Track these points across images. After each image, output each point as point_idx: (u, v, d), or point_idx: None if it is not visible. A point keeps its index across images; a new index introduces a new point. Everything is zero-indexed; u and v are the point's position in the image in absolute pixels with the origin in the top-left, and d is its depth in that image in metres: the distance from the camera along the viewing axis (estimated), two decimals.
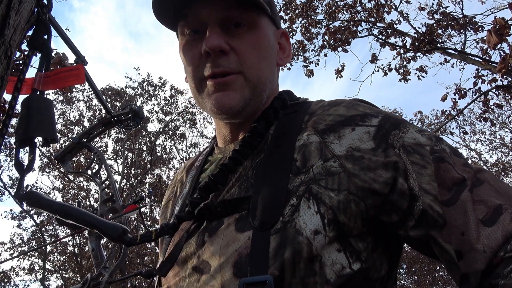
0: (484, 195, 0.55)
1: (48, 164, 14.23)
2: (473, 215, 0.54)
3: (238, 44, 0.69)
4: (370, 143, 0.59)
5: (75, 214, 0.72)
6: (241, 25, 0.70)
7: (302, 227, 0.54)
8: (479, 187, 0.56)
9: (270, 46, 0.74)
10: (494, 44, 4.23)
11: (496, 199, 0.54)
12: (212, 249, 0.60)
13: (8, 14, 0.80)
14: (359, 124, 0.62)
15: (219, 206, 0.63)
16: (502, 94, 7.42)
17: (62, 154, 3.20)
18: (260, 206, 0.58)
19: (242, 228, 0.58)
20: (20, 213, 14.45)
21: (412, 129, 0.62)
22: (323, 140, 0.61)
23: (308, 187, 0.57)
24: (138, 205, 2.91)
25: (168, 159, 15.49)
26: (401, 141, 0.60)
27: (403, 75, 8.51)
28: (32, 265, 14.27)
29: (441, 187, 0.56)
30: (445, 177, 0.57)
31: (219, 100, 0.68)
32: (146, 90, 15.68)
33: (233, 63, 0.68)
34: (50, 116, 0.88)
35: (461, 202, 0.55)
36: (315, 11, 9.16)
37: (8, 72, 0.86)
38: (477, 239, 0.52)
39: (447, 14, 7.64)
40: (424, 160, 0.58)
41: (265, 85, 0.72)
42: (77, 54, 2.26)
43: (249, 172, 0.65)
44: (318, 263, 0.53)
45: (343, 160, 0.58)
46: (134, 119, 3.25)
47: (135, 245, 0.70)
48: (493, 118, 13.31)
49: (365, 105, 0.66)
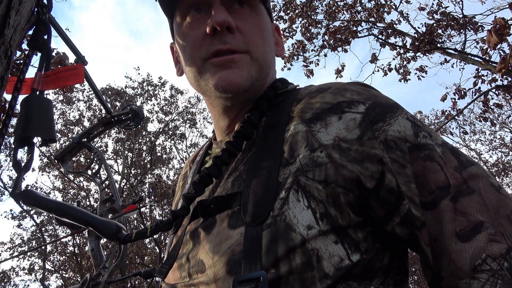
0: (468, 207, 0.52)
1: (48, 164, 14.23)
2: (449, 226, 0.51)
3: (243, 24, 0.68)
4: (356, 131, 0.57)
5: (69, 212, 0.72)
6: (245, 5, 0.70)
7: (294, 222, 0.53)
8: (466, 196, 0.52)
9: (269, 33, 0.74)
10: (494, 44, 4.23)
11: (480, 214, 0.51)
12: (207, 247, 0.59)
13: (8, 14, 0.80)
14: (345, 111, 0.59)
15: (212, 203, 0.62)
16: (502, 94, 7.42)
17: (62, 154, 3.20)
18: (252, 201, 0.57)
19: (234, 225, 0.57)
20: (20, 213, 14.46)
21: (401, 118, 0.58)
22: (309, 129, 0.59)
23: (296, 179, 0.56)
24: (137, 205, 2.91)
25: (168, 159, 15.50)
26: (384, 135, 0.56)
27: (403, 75, 8.51)
28: (32, 265, 14.27)
29: (424, 188, 0.54)
30: (429, 178, 0.54)
31: (225, 77, 0.65)
32: (146, 90, 15.68)
33: (240, 42, 0.67)
34: (49, 116, 0.88)
35: (439, 210, 0.52)
36: (315, 11, 9.16)
37: (8, 72, 0.86)
38: (448, 251, 0.51)
39: (447, 14, 7.64)
40: (404, 158, 0.55)
41: (270, 68, 0.72)
42: (77, 54, 2.26)
43: (241, 167, 0.64)
44: (315, 257, 0.52)
45: (330, 150, 0.56)
46: (134, 119, 3.25)
47: (130, 242, 0.69)
48: (493, 118, 13.32)
49: (353, 90, 0.63)
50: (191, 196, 0.64)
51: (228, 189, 0.63)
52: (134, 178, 14.64)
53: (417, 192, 0.54)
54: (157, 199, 13.41)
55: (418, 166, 0.55)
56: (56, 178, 14.65)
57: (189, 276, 0.62)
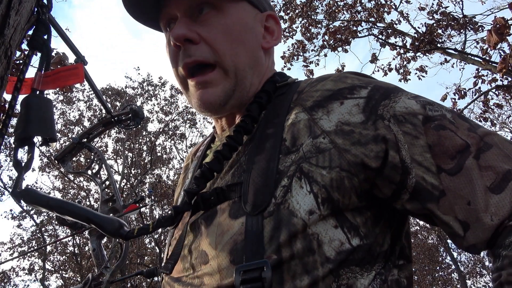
0: (492, 160, 0.53)
1: (48, 164, 14.23)
2: (479, 182, 0.52)
3: (207, 31, 0.67)
4: (360, 116, 0.58)
5: (71, 209, 0.72)
6: (204, 10, 0.68)
7: (296, 208, 0.53)
8: (486, 152, 0.54)
9: (246, 29, 0.70)
10: (494, 44, 4.23)
11: (505, 164, 0.52)
12: (209, 238, 0.60)
13: (8, 14, 0.80)
14: (347, 97, 0.59)
15: (212, 194, 0.62)
16: (502, 94, 7.42)
17: (62, 154, 3.20)
18: (251, 190, 0.57)
19: (236, 215, 0.57)
20: (20, 213, 14.46)
21: (404, 97, 0.60)
22: (311, 116, 0.60)
23: (299, 166, 0.56)
24: (138, 205, 2.91)
25: (168, 159, 15.50)
26: (392, 111, 0.58)
27: (403, 75, 8.51)
28: (32, 265, 14.27)
29: (444, 155, 0.55)
30: (447, 145, 0.55)
31: (200, 98, 0.68)
32: (146, 90, 15.68)
33: (205, 53, 0.66)
34: (49, 116, 0.88)
35: (466, 170, 0.53)
36: (315, 11, 9.16)
37: (8, 72, 0.86)
38: (485, 208, 0.51)
39: (447, 14, 7.63)
40: (417, 130, 0.56)
41: (245, 71, 0.69)
42: (77, 53, 2.26)
43: (242, 158, 0.64)
44: (316, 241, 0.52)
45: (332, 136, 0.57)
46: (134, 119, 3.25)
47: (132, 238, 0.69)
48: (493, 118, 13.30)
49: (353, 77, 0.64)
50: (193, 191, 0.64)
51: (228, 181, 0.63)
52: (134, 178, 14.65)
53: (432, 162, 0.55)
54: (157, 199, 13.41)
55: (433, 136, 0.56)
56: (56, 178, 14.66)
57: (193, 268, 0.62)
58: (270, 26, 0.76)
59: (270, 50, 0.77)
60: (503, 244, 0.50)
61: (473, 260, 17.77)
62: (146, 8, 0.72)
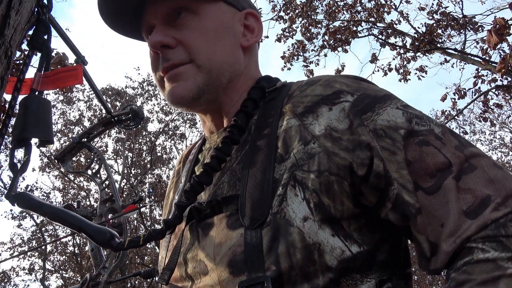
0: (473, 183, 0.51)
1: (48, 164, 14.23)
2: (455, 205, 0.50)
3: (183, 34, 0.68)
4: (346, 121, 0.57)
5: (63, 217, 0.72)
6: (182, 13, 0.69)
7: (292, 217, 0.53)
8: (469, 174, 0.51)
9: (222, 28, 0.71)
10: (494, 44, 4.23)
11: (486, 188, 0.50)
12: (207, 249, 0.60)
13: (8, 14, 0.80)
14: (335, 103, 0.59)
15: (207, 207, 0.62)
16: (502, 94, 7.42)
17: (62, 154, 3.20)
18: (249, 203, 0.57)
19: (234, 225, 0.57)
20: (20, 213, 14.45)
21: (391, 107, 0.58)
22: (302, 122, 0.60)
23: (292, 174, 0.56)
24: (137, 205, 2.91)
25: (168, 159, 15.49)
26: (373, 124, 0.56)
27: (403, 75, 8.51)
28: (32, 265, 14.27)
29: (424, 172, 0.53)
30: (428, 162, 0.53)
31: (171, 91, 0.68)
32: (146, 90, 15.68)
33: (181, 55, 0.68)
34: (47, 117, 0.87)
35: (443, 190, 0.51)
36: (315, 11, 9.16)
37: (8, 72, 0.86)
38: (455, 232, 0.49)
39: (447, 14, 7.63)
40: (395, 145, 0.55)
41: (222, 68, 0.69)
42: (77, 54, 2.26)
43: (237, 167, 0.64)
44: (317, 251, 0.52)
45: (322, 140, 0.57)
46: (134, 119, 3.25)
47: (122, 250, 0.70)
48: (493, 118, 13.31)
49: (342, 81, 0.63)
50: (183, 205, 0.65)
51: (223, 190, 0.63)
52: (134, 178, 14.64)
53: (409, 179, 0.54)
54: (157, 199, 13.41)
55: (415, 152, 0.54)
56: (56, 178, 14.66)
57: (191, 278, 0.62)
58: (249, 24, 0.76)
59: (251, 49, 0.77)
60: (454, 266, 0.49)
61: None
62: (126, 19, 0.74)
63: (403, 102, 0.61)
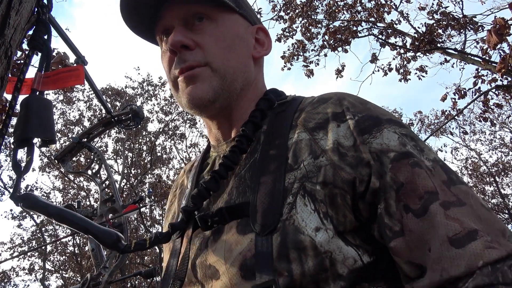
0: (461, 215, 0.50)
1: (48, 164, 14.23)
2: (440, 231, 0.49)
3: (201, 38, 0.71)
4: (351, 139, 0.59)
5: (69, 218, 0.72)
6: (203, 19, 0.72)
7: (302, 225, 0.55)
8: (458, 207, 0.51)
9: (237, 38, 0.74)
10: (494, 44, 4.23)
11: (474, 223, 0.49)
12: (217, 253, 0.61)
13: (8, 14, 0.80)
14: (343, 120, 0.62)
15: (217, 215, 0.63)
16: (502, 94, 7.42)
17: (62, 154, 3.20)
18: (260, 210, 0.58)
19: (244, 230, 0.59)
20: (20, 213, 14.46)
21: (387, 130, 0.60)
22: (312, 137, 0.62)
23: (302, 185, 0.58)
24: (138, 205, 2.91)
25: (168, 159, 15.50)
26: (368, 146, 0.58)
27: (403, 75, 8.51)
28: (32, 265, 14.28)
29: (413, 194, 0.53)
30: (418, 183, 0.54)
31: (189, 93, 0.69)
32: (146, 90, 15.69)
33: (198, 57, 0.70)
34: (49, 117, 0.87)
35: (430, 214, 0.51)
36: (315, 11, 9.16)
37: (8, 72, 0.86)
38: (438, 260, 0.49)
39: (447, 14, 7.63)
40: (382, 169, 0.56)
41: (235, 74, 0.72)
42: (77, 54, 2.26)
43: (246, 174, 0.66)
44: (328, 259, 0.53)
45: (329, 153, 0.59)
46: (134, 119, 3.25)
47: (129, 252, 0.70)
48: (493, 118, 13.29)
49: (351, 102, 0.65)
50: (190, 210, 0.66)
51: (232, 196, 0.65)
52: (134, 178, 14.65)
53: (391, 203, 0.54)
54: (157, 199, 13.42)
55: (407, 173, 0.55)
56: (56, 178, 14.67)
57: (201, 284, 0.63)
58: (260, 38, 0.81)
59: (260, 62, 0.81)
60: None
61: None
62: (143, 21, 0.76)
63: (405, 130, 0.61)
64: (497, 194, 16.06)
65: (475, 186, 16.71)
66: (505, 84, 6.55)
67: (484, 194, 16.57)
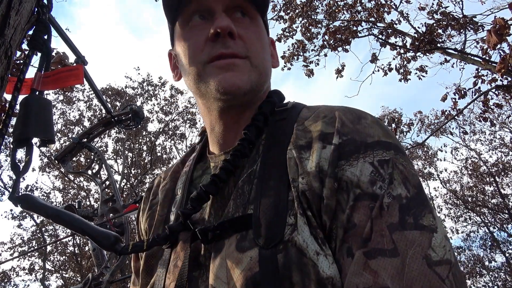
0: (382, 269, 0.48)
1: (48, 164, 14.23)
2: (353, 279, 0.49)
3: (244, 31, 0.71)
4: (328, 162, 0.58)
5: (68, 219, 0.72)
6: (246, 15, 0.72)
7: (303, 247, 0.53)
8: (386, 258, 0.49)
9: (266, 43, 0.76)
10: (494, 44, 4.23)
11: (391, 282, 0.47)
12: (218, 273, 0.59)
13: (8, 14, 0.80)
14: (330, 142, 0.59)
15: (218, 228, 0.61)
16: (502, 94, 7.42)
17: (62, 154, 3.20)
18: (264, 223, 0.57)
19: (242, 248, 0.57)
20: (20, 213, 14.46)
21: (363, 161, 0.57)
22: (299, 155, 0.60)
23: (300, 203, 0.56)
24: (138, 205, 2.91)
25: (168, 159, 15.50)
26: (341, 173, 0.56)
27: (403, 75, 8.51)
28: (32, 265, 14.28)
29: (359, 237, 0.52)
30: (366, 227, 0.52)
31: (228, 79, 0.67)
32: (146, 90, 15.69)
33: (241, 48, 0.70)
34: (48, 117, 0.87)
35: (353, 260, 0.50)
36: (315, 11, 9.16)
37: (8, 72, 0.86)
38: None
39: (447, 14, 7.64)
40: (346, 204, 0.54)
41: (267, 75, 0.74)
42: (77, 54, 2.26)
43: (245, 187, 0.64)
44: (330, 285, 0.51)
45: (311, 178, 0.57)
46: (134, 119, 3.26)
47: (126, 254, 0.69)
48: (493, 118, 13.30)
49: (344, 120, 0.63)
50: (188, 213, 0.65)
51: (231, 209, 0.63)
52: (134, 178, 14.65)
53: (337, 242, 0.53)
54: None
55: (364, 216, 0.53)
56: (56, 178, 14.67)
57: None
58: (271, 50, 0.82)
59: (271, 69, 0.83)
60: None
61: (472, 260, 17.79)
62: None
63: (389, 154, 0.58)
64: (497, 194, 16.07)
65: (475, 186, 16.71)
66: (505, 84, 6.56)
67: (484, 194, 16.57)
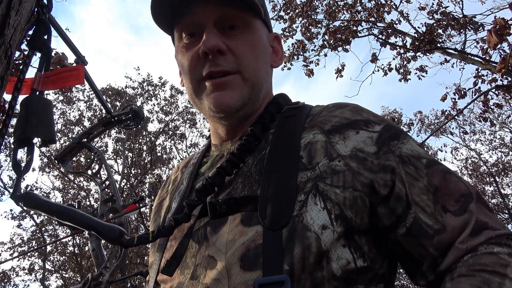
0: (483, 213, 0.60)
1: (48, 164, 14.23)
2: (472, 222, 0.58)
3: (234, 44, 0.70)
4: (373, 147, 0.62)
5: (72, 215, 0.72)
6: (236, 27, 0.71)
7: (310, 223, 0.56)
8: (481, 203, 0.61)
9: (264, 47, 0.76)
10: (494, 44, 4.23)
11: (486, 217, 0.60)
12: (217, 244, 0.61)
13: (8, 14, 0.80)
14: (363, 128, 0.65)
15: (224, 204, 0.63)
16: (502, 94, 7.42)
17: (62, 154, 3.20)
18: (270, 205, 0.59)
19: (249, 222, 0.59)
20: (20, 213, 14.46)
21: (412, 141, 0.65)
22: (328, 139, 0.64)
23: (315, 184, 0.59)
24: (138, 205, 2.92)
25: (168, 159, 15.50)
26: (399, 151, 0.63)
27: (403, 75, 8.50)
28: (32, 265, 14.27)
29: (449, 197, 0.60)
30: (452, 188, 0.60)
31: (218, 99, 0.69)
32: (146, 90, 15.68)
33: (231, 63, 0.70)
34: (49, 117, 0.88)
35: (468, 213, 0.58)
36: (315, 11, 9.16)
37: (8, 72, 0.86)
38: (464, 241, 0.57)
39: (447, 14, 7.63)
40: (418, 172, 0.61)
41: (262, 84, 0.74)
42: (77, 54, 2.26)
43: (252, 169, 0.66)
44: (326, 258, 0.55)
45: (347, 160, 0.61)
46: (134, 119, 3.26)
47: (132, 246, 0.70)
48: (493, 118, 13.29)
49: (369, 112, 0.69)
50: (193, 204, 0.66)
51: (237, 190, 0.65)
52: (134, 178, 14.65)
53: (429, 203, 0.59)
54: None
55: (439, 178, 0.61)
56: (56, 178, 14.66)
57: (198, 273, 0.62)
58: (275, 46, 0.82)
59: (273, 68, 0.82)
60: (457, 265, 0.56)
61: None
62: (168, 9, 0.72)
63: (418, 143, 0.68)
64: (497, 194, 16.06)
65: (475, 186, 16.69)
66: (505, 84, 6.55)
67: (484, 194, 16.56)
